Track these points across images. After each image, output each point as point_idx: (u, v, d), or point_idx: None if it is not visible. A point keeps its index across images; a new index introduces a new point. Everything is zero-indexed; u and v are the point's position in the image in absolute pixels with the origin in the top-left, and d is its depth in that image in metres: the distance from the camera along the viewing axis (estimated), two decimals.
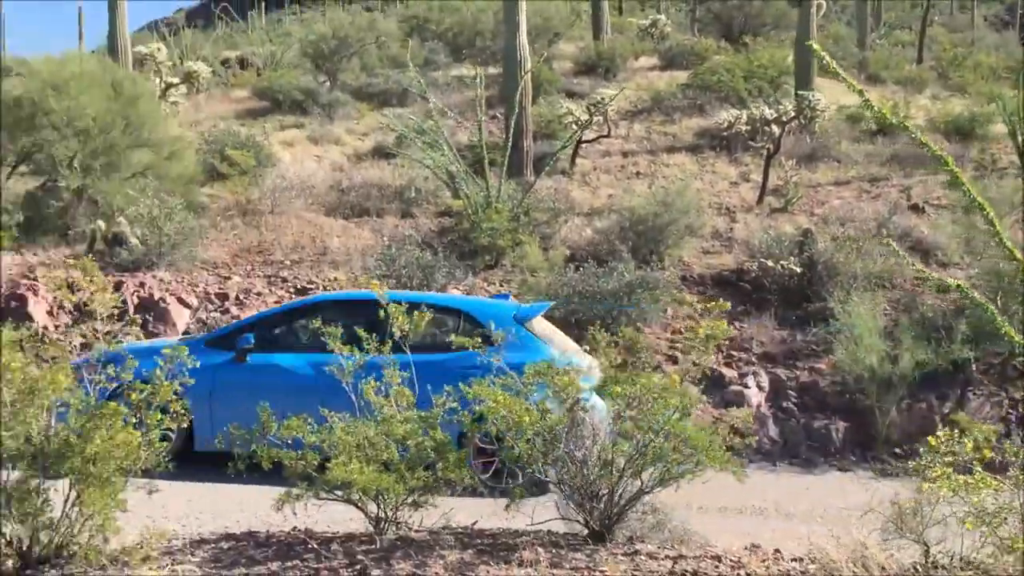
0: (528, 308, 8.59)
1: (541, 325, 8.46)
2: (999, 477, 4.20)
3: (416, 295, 9.42)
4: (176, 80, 20.58)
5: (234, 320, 10.20)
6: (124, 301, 11.14)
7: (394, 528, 4.64)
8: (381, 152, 18.10)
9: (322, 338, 6.94)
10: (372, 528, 4.66)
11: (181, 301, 11.27)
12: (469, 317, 8.24)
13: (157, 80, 19.58)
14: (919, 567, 4.18)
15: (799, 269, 11.61)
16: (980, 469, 4.10)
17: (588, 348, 6.61)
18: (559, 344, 8.22)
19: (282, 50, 30.20)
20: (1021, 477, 4.04)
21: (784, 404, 10.27)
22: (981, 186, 11.19)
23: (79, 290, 11.22)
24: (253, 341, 8.11)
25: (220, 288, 11.59)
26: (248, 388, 7.64)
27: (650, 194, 14.22)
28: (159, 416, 4.33)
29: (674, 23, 31.42)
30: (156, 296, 11.09)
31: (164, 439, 7.33)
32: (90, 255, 12.13)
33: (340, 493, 4.58)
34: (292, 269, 12.55)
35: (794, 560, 4.71)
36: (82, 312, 10.97)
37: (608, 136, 18.05)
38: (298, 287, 11.72)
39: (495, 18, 24.91)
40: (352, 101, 22.09)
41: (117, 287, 11.27)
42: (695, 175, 16.69)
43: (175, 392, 4.71)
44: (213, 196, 15.10)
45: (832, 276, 11.43)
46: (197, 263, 12.42)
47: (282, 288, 11.73)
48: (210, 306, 11.23)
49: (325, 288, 11.70)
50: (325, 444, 4.83)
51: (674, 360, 10.37)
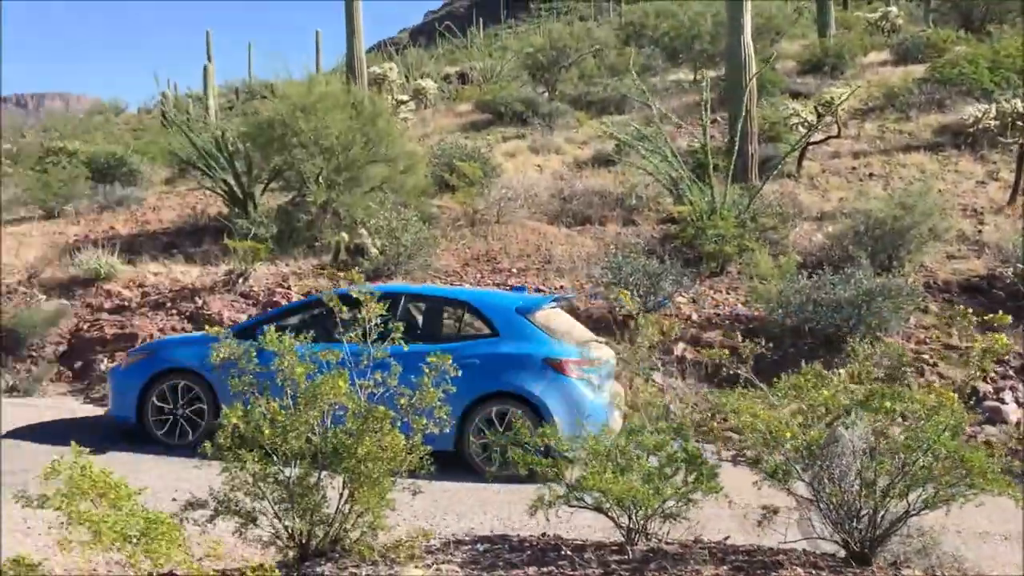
0: (530, 300, 8.72)
1: (547, 317, 8.50)
2: None
3: (425, 288, 10.12)
4: (406, 97, 21.67)
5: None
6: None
7: (644, 539, 4.64)
8: (601, 160, 18.24)
9: (329, 329, 7.90)
10: (623, 538, 4.69)
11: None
12: (473, 309, 8.51)
13: (388, 98, 20.68)
14: None
15: None
16: None
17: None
18: (568, 335, 8.27)
19: (500, 63, 31.05)
20: None
21: None
22: None
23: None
24: (265, 331, 8.30)
25: None
26: (269, 375, 8.09)
27: (887, 196, 13.49)
28: (423, 421, 4.51)
29: (906, 15, 29.68)
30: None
31: (193, 429, 8.40)
32: (335, 265, 12.96)
33: (591, 501, 4.63)
34: (519, 277, 12.84)
35: None
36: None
37: (837, 136, 17.28)
38: None
39: (713, 20, 24.49)
40: (571, 110, 22.39)
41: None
42: (936, 175, 15.68)
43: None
44: (442, 207, 15.73)
45: None
46: (431, 271, 12.95)
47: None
48: None
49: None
50: (569, 452, 4.94)
51: (920, 372, 9.78)
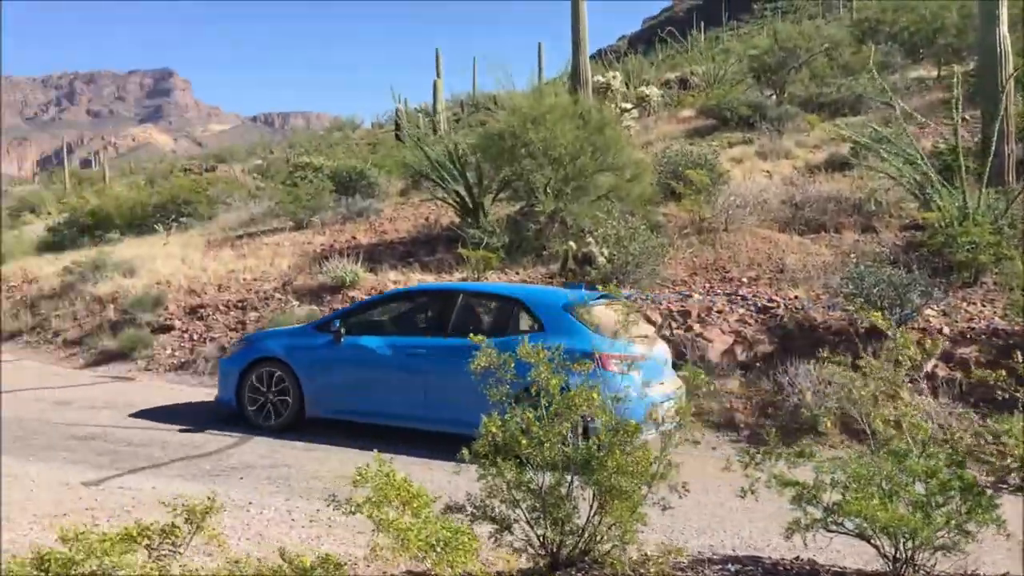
0: (576, 297, 8.99)
1: (593, 313, 8.77)
2: None
3: (482, 285, 11.03)
4: (629, 105, 21.67)
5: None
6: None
7: (911, 570, 4.34)
8: (835, 164, 17.43)
9: (396, 323, 9.43)
10: (887, 568, 4.41)
11: (646, 318, 11.70)
12: (523, 305, 9.04)
13: (612, 106, 20.74)
14: None
15: None
16: None
17: None
18: (614, 331, 8.30)
19: (723, 67, 30.39)
20: None
21: None
22: None
23: None
24: (339, 325, 9.36)
25: (682, 306, 11.85)
26: (341, 363, 9.28)
27: None
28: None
29: None
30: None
31: (279, 413, 9.41)
32: (563, 274, 13.12)
33: (852, 527, 4.39)
34: (750, 287, 12.48)
35: None
36: None
37: None
38: (758, 306, 11.60)
39: (959, 13, 22.85)
40: (801, 113, 21.57)
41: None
42: None
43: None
44: (668, 215, 15.56)
45: None
46: (658, 280, 12.83)
47: (742, 306, 11.69)
48: (673, 323, 11.52)
49: (786, 307, 11.46)
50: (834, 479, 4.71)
51: None
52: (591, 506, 4.47)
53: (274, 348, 9.66)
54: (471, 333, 8.18)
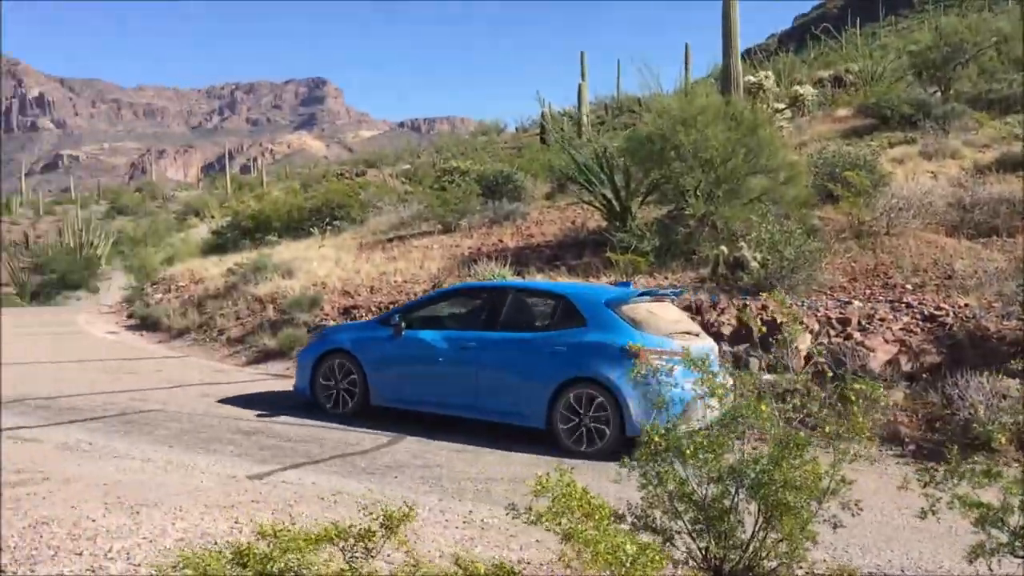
0: (618, 294, 9.32)
1: (636, 310, 9.04)
2: None
3: (530, 283, 11.57)
4: (782, 105, 21.01)
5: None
6: (746, 323, 11.54)
7: None
8: (1008, 164, 16.39)
9: (451, 318, 10.07)
10: None
11: (802, 323, 11.28)
12: (567, 302, 9.21)
13: (764, 106, 20.15)
14: None
15: None
16: None
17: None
18: (655, 327, 8.84)
19: (881, 64, 29.09)
20: None
21: None
22: None
23: (705, 312, 11.94)
24: (397, 320, 9.88)
25: (840, 312, 11.36)
26: (400, 355, 9.78)
27: None
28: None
29: None
30: (778, 320, 11.24)
31: (347, 401, 10.06)
32: (714, 278, 12.81)
33: None
34: (915, 294, 11.85)
35: None
36: (710, 332, 11.59)
37: None
38: (925, 314, 11.00)
39: None
40: (969, 111, 20.39)
41: (740, 310, 11.71)
42: None
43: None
44: (825, 218, 14.99)
45: None
46: (814, 286, 12.36)
47: (907, 314, 11.11)
48: (831, 331, 11.06)
49: (956, 316, 10.81)
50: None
51: None
52: (756, 520, 4.29)
53: (343, 341, 10.29)
54: (520, 328, 9.26)
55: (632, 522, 4.22)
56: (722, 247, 13.06)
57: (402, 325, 9.83)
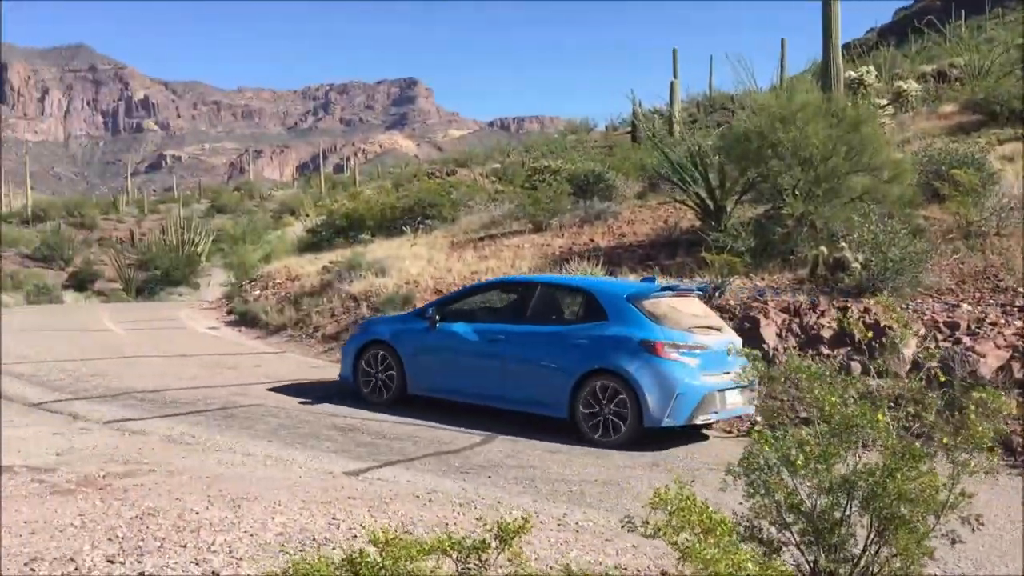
0: (639, 288, 9.58)
1: (656, 305, 9.26)
2: None
3: (557, 278, 11.67)
4: (884, 101, 20.33)
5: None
6: (847, 327, 11.18)
7: None
8: None
9: (482, 311, 10.50)
10: None
11: (903, 326, 10.86)
12: (590, 296, 9.56)
13: (865, 103, 19.52)
14: None
15: None
16: None
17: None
18: (675, 322, 9.09)
19: (988, 58, 27.90)
20: None
21: None
22: None
23: (804, 314, 11.61)
24: (431, 313, 10.30)
25: (948, 316, 10.92)
26: (434, 347, 10.17)
27: None
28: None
29: None
30: (882, 323, 10.88)
31: (386, 390, 10.47)
32: (813, 279, 12.46)
33: None
34: None
35: None
36: (808, 335, 11.28)
37: None
38: None
39: None
40: None
41: (841, 312, 11.36)
42: None
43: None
44: (930, 218, 14.44)
45: None
46: (920, 289, 11.90)
47: (1019, 319, 10.61)
48: (939, 335, 10.64)
49: None
50: None
51: None
52: (869, 534, 4.11)
53: (382, 332, 10.76)
54: (546, 321, 9.68)
55: (739, 532, 4.08)
56: (822, 247, 12.69)
57: (436, 318, 10.25)
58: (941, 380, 5.46)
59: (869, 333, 6.32)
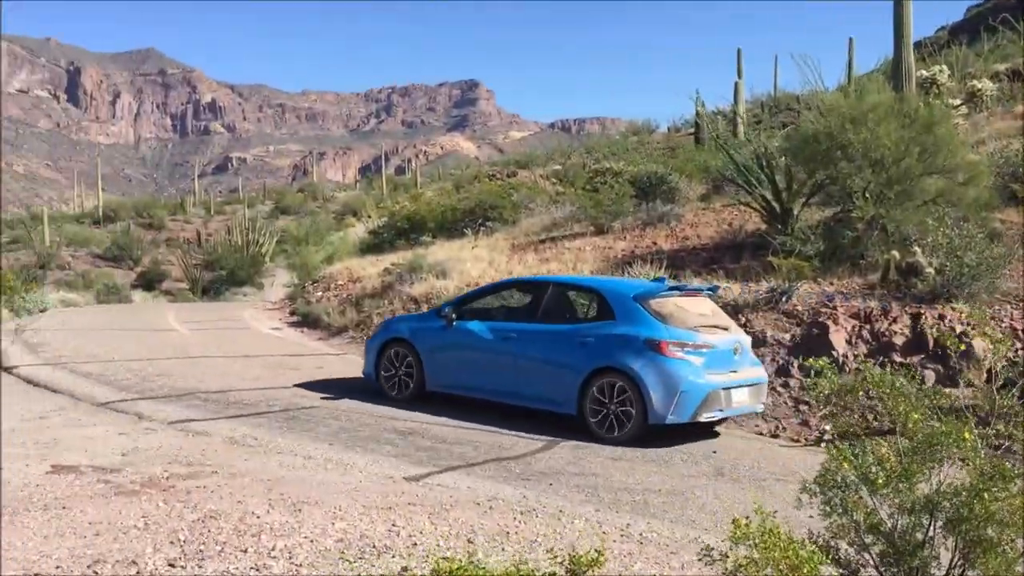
0: (646, 288, 9.68)
1: (663, 304, 9.40)
2: None
3: (568, 278, 12.18)
4: (957, 101, 19.71)
5: None
6: (921, 333, 10.83)
7: None
8: None
9: (497, 310, 10.88)
10: None
11: (988, 337, 10.47)
12: (599, 296, 9.80)
13: (938, 103, 18.94)
14: None
15: None
16: None
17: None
18: (681, 321, 9.24)
19: None
20: None
21: None
22: None
23: (875, 321, 11.27)
24: (448, 311, 10.52)
25: None
26: (451, 344, 10.41)
27: None
28: None
29: None
30: (957, 330, 10.51)
31: (406, 386, 10.71)
32: (884, 285, 12.09)
33: None
34: None
35: None
36: (880, 342, 10.95)
37: None
38: None
39: None
40: None
41: (915, 319, 11.00)
42: None
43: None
44: (1007, 222, 13.94)
45: None
46: (997, 295, 11.48)
47: None
48: (1018, 343, 10.23)
49: None
50: None
51: None
52: (953, 557, 3.90)
53: (403, 330, 11.03)
54: (557, 320, 9.92)
55: (816, 554, 3.90)
56: (893, 252, 12.31)
57: (452, 316, 10.51)
58: None
59: (963, 346, 6.04)
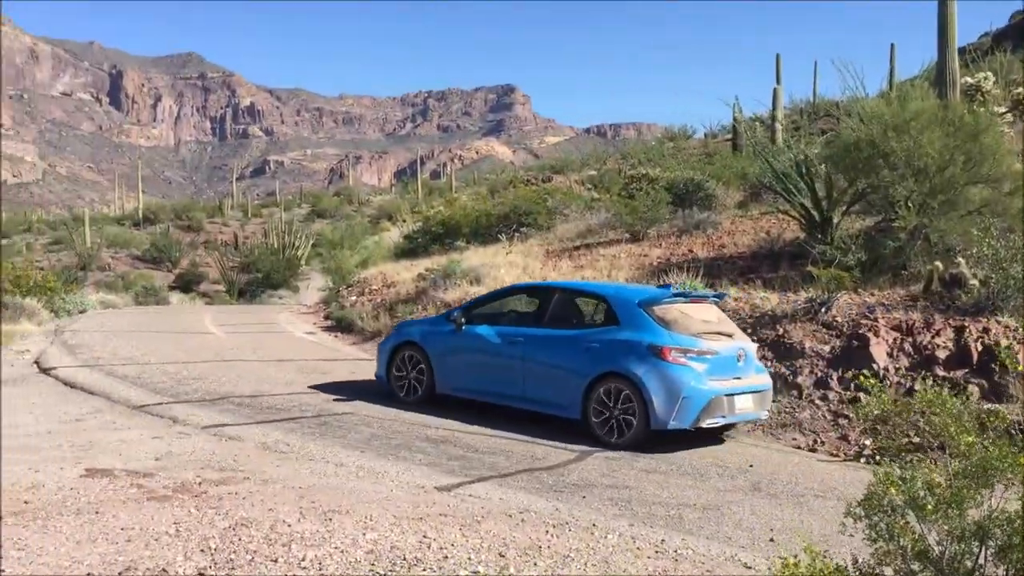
0: (651, 294, 9.78)
1: (667, 311, 9.47)
2: None
3: (573, 283, 12.45)
4: (1002, 109, 19.33)
5: None
6: (965, 347, 10.59)
7: None
8: None
9: (504, 315, 11.10)
10: None
11: None
12: (603, 301, 9.97)
13: (983, 110, 18.58)
14: None
15: None
16: None
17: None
18: (684, 327, 9.29)
19: None
20: None
21: None
22: None
23: (917, 333, 11.03)
24: (457, 315, 10.71)
25: None
26: (460, 348, 10.56)
27: None
28: None
29: None
30: (1003, 343, 10.25)
31: (416, 389, 10.87)
32: (926, 296, 11.84)
33: None
34: None
35: None
36: (922, 355, 10.71)
37: None
38: None
39: None
40: None
41: (958, 332, 10.75)
42: None
43: None
44: None
45: None
46: None
47: None
48: None
49: None
50: None
51: None
52: None
53: (413, 334, 11.19)
54: (563, 325, 10.03)
55: None
56: (937, 263, 12.05)
57: (461, 320, 10.67)
58: None
59: (1020, 366, 5.85)
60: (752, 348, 9.92)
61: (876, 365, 10.64)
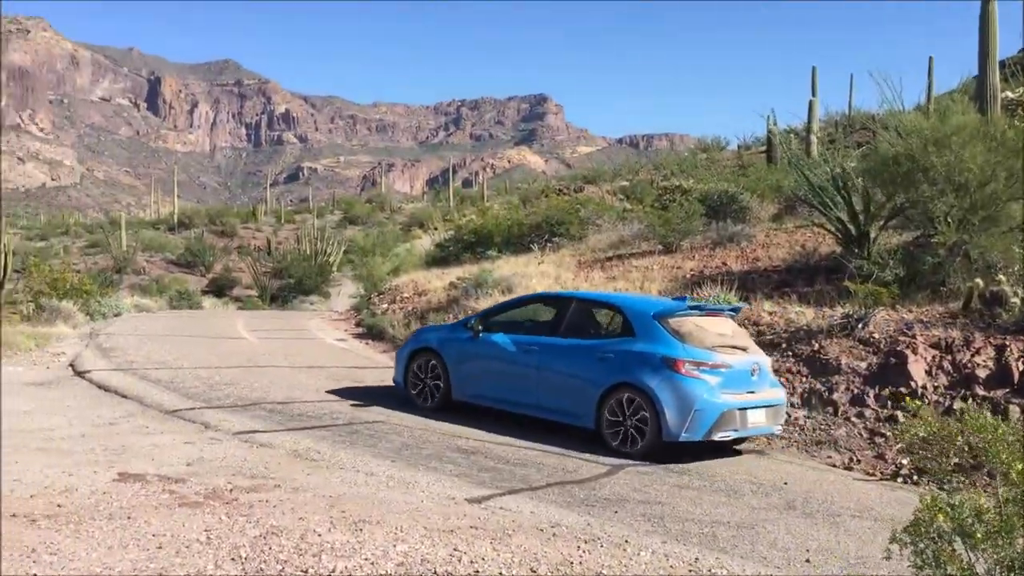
0: (666, 306, 9.79)
1: (682, 323, 9.47)
2: None
3: (591, 294, 12.33)
4: None
5: None
6: (1006, 366, 10.38)
7: None
8: None
9: (521, 323, 10.94)
10: None
11: None
12: (619, 312, 9.98)
13: (1022, 126, 18.29)
14: None
15: None
16: None
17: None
18: (699, 340, 9.27)
19: None
20: None
21: None
22: None
23: (956, 351, 10.83)
24: (474, 323, 10.83)
25: None
26: (476, 356, 10.63)
27: None
28: None
29: None
30: None
31: (433, 396, 11.00)
32: (966, 314, 11.64)
33: None
34: None
35: None
36: (961, 374, 10.52)
37: None
38: None
39: None
40: None
41: (999, 350, 10.55)
42: None
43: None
44: None
45: None
46: None
47: None
48: None
49: None
50: None
51: None
52: None
53: (431, 340, 11.25)
54: (578, 335, 10.04)
55: None
56: (977, 279, 11.85)
57: (478, 328, 10.76)
58: None
59: None
60: (767, 362, 9.90)
61: (914, 383, 10.46)
